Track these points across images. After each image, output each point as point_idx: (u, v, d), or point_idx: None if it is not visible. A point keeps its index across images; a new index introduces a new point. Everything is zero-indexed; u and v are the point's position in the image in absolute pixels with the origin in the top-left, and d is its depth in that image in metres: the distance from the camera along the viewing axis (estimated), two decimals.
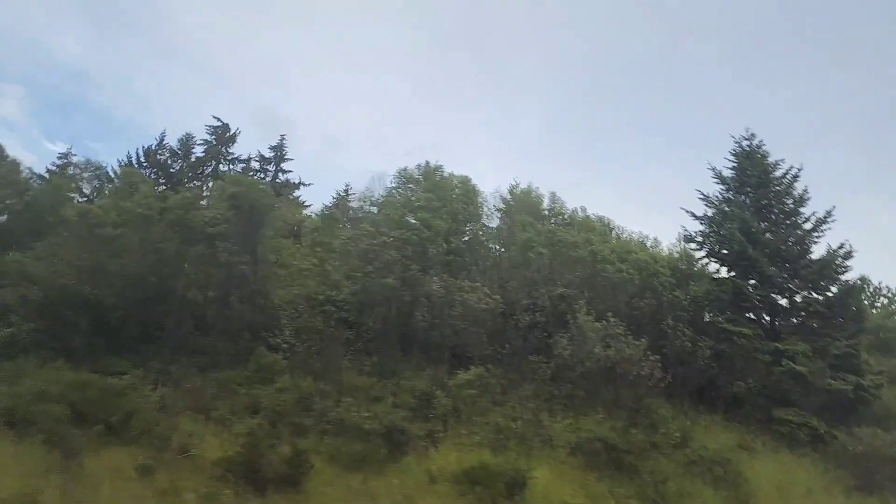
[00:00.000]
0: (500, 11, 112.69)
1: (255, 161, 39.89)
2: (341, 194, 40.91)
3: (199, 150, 37.95)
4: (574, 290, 22.93)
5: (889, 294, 35.22)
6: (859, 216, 71.32)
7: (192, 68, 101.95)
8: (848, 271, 23.82)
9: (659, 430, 18.20)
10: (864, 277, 29.77)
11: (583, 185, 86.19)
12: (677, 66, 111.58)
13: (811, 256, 24.25)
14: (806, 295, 23.61)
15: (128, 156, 36.00)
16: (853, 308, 23.48)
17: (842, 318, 23.05)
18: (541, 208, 32.42)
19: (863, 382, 21.25)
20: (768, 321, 23.74)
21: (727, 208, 25.47)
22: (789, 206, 25.01)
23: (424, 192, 27.59)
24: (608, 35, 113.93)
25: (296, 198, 39.04)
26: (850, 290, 23.58)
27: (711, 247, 25.53)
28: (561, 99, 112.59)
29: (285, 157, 40.70)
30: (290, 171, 40.45)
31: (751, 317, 23.67)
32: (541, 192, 33.86)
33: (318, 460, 13.82)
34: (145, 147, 36.51)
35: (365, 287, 21.85)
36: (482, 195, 30.52)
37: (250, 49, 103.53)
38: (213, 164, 38.76)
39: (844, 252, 23.59)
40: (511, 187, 34.09)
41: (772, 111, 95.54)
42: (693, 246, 26.48)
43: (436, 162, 30.53)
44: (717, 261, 25.56)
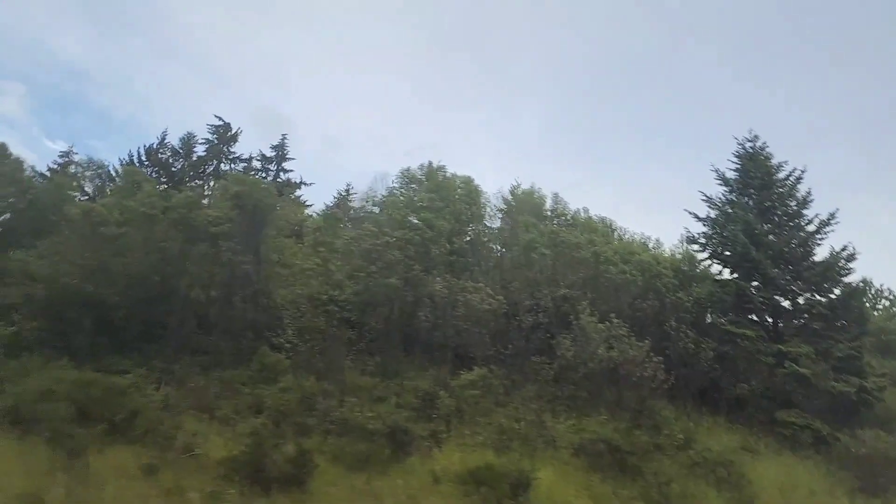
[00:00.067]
0: (501, 11, 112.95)
1: (257, 160, 39.98)
2: (342, 194, 40.97)
3: (200, 150, 38.01)
4: (577, 291, 22.92)
5: (891, 296, 35.28)
6: (859, 216, 71.50)
7: (192, 68, 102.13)
8: (851, 273, 23.94)
9: (662, 431, 18.20)
10: (865, 280, 29.85)
11: (583, 185, 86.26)
12: (677, 66, 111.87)
13: (814, 258, 24.29)
14: (809, 297, 23.61)
15: (129, 154, 36.06)
16: (856, 310, 23.48)
17: (844, 320, 23.05)
18: (543, 209, 32.35)
19: (866, 385, 21.26)
20: (771, 323, 23.73)
21: (730, 210, 25.46)
22: (792, 208, 25.01)
23: (427, 192, 27.55)
24: (608, 35, 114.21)
25: (297, 197, 39.06)
26: (853, 292, 23.60)
27: (714, 248, 25.53)
28: (561, 99, 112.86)
29: (286, 156, 40.78)
30: (292, 171, 40.55)
31: (754, 319, 23.66)
32: (543, 192, 33.84)
33: (322, 460, 13.77)
34: (147, 146, 36.54)
35: (368, 287, 21.83)
36: (485, 195, 30.48)
37: (250, 49, 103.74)
38: (215, 163, 38.77)
39: (847, 254, 23.62)
40: (512, 188, 34.09)
41: (772, 111, 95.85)
42: (696, 247, 26.51)
43: (438, 162, 30.55)
44: (719, 262, 25.56)
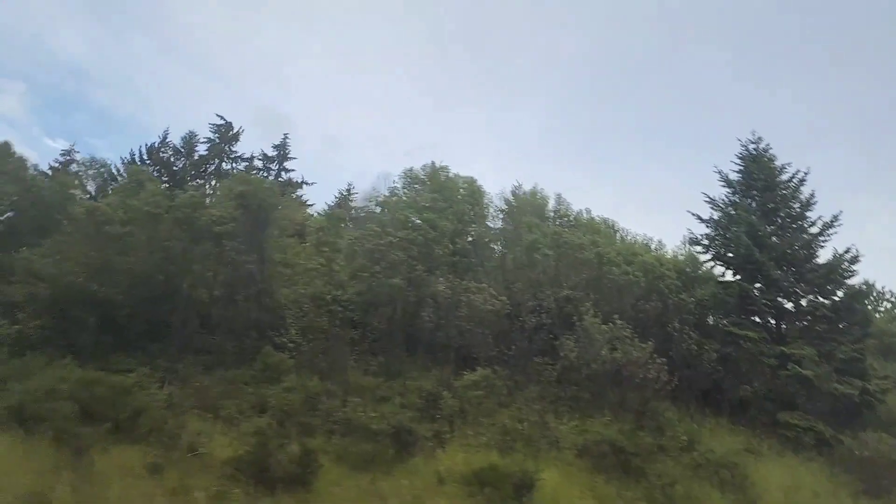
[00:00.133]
0: (501, 11, 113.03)
1: (258, 160, 39.98)
2: (344, 194, 41.01)
3: (202, 149, 37.99)
4: (580, 292, 22.90)
5: (893, 298, 35.31)
6: (859, 216, 71.38)
7: (193, 67, 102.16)
8: (854, 275, 23.95)
9: (665, 433, 18.21)
10: (867, 282, 29.81)
11: (583, 185, 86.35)
12: (677, 66, 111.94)
13: (817, 260, 24.25)
14: (812, 299, 23.61)
15: (130, 153, 36.06)
16: (859, 313, 23.46)
17: (847, 322, 23.05)
18: (546, 210, 32.35)
19: (868, 387, 21.25)
20: (774, 325, 23.72)
21: (733, 211, 25.43)
22: (796, 210, 24.99)
23: (430, 192, 27.57)
24: (608, 35, 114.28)
25: (298, 197, 39.08)
26: (856, 294, 23.60)
27: (717, 250, 25.51)
28: (561, 99, 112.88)
29: (288, 155, 40.79)
30: (293, 171, 40.57)
31: (757, 320, 23.64)
32: (546, 193, 33.84)
33: (326, 460, 13.77)
34: (148, 145, 36.53)
35: (371, 287, 21.83)
36: (487, 196, 30.50)
37: (250, 48, 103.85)
38: (217, 162, 38.77)
39: (851, 256, 23.60)
40: (514, 188, 34.08)
41: (772, 111, 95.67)
42: (698, 249, 26.50)
43: (441, 162, 30.59)
44: (722, 264, 25.55)
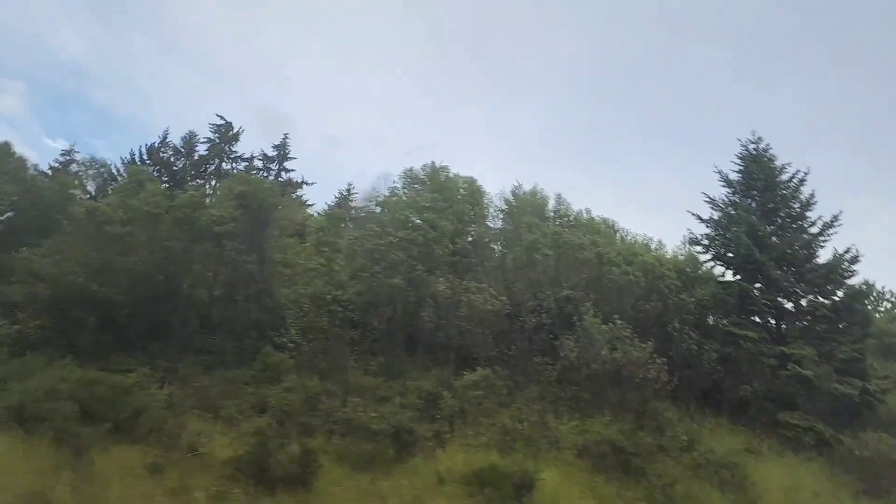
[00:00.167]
0: (501, 11, 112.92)
1: (258, 160, 39.91)
2: (344, 194, 41.00)
3: (201, 149, 37.94)
4: (580, 292, 22.89)
5: (892, 298, 35.30)
6: (858, 216, 71.36)
7: (193, 66, 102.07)
8: (854, 276, 23.97)
9: (665, 433, 18.22)
10: (867, 282, 29.81)
11: (583, 185, 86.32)
12: (677, 66, 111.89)
13: (817, 260, 24.27)
14: (812, 299, 23.62)
15: (130, 153, 35.99)
16: (859, 313, 23.46)
17: (848, 322, 23.05)
18: (546, 210, 32.33)
19: (868, 387, 21.26)
20: (774, 325, 23.73)
21: (733, 211, 25.42)
22: (796, 210, 25.00)
23: (430, 192, 27.55)
24: (607, 36, 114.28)
25: (298, 197, 39.06)
26: (856, 294, 23.60)
27: (717, 250, 25.51)
28: (561, 99, 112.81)
29: (288, 155, 40.74)
30: (293, 171, 40.51)
31: (756, 320, 23.65)
32: (546, 193, 33.80)
33: (327, 460, 13.76)
34: (148, 145, 36.49)
35: (371, 287, 21.82)
36: (487, 196, 30.48)
37: (250, 48, 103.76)
38: (217, 162, 38.74)
39: (851, 256, 23.61)
40: (514, 188, 34.04)
41: (772, 112, 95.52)
42: (698, 249, 26.50)
43: (441, 162, 30.57)
44: (722, 264, 25.56)
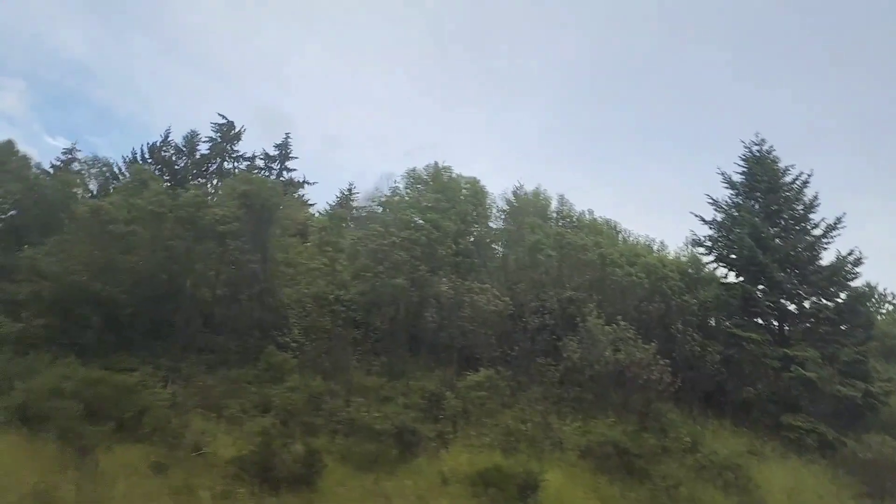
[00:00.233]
0: (502, 11, 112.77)
1: (260, 159, 39.84)
2: (345, 193, 40.98)
3: (203, 148, 37.90)
4: (583, 293, 22.84)
5: (894, 301, 35.21)
6: (859, 217, 71.19)
7: (193, 66, 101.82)
8: (857, 278, 23.97)
9: (669, 434, 18.20)
10: (869, 284, 29.78)
11: (583, 185, 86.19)
12: (677, 66, 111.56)
13: (821, 263, 24.24)
14: (815, 301, 23.58)
15: (132, 152, 35.92)
16: (862, 315, 23.44)
17: (851, 324, 23.02)
18: (548, 210, 32.27)
19: (871, 389, 21.25)
20: (777, 327, 23.72)
21: (736, 213, 25.38)
22: (799, 212, 24.98)
23: (433, 192, 27.50)
24: (608, 36, 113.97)
25: (300, 196, 39.03)
26: (859, 296, 23.58)
27: (720, 251, 25.46)
28: (561, 99, 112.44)
29: (290, 155, 40.67)
30: (295, 170, 40.43)
31: (760, 322, 23.64)
32: (549, 194, 33.71)
33: (330, 460, 13.78)
34: (150, 143, 36.42)
35: (374, 287, 21.80)
36: (490, 196, 30.44)
37: (250, 48, 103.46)
38: (218, 161, 38.71)
39: (854, 259, 23.59)
40: (515, 188, 33.97)
41: (773, 112, 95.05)
42: (701, 250, 26.43)
43: (443, 162, 30.50)
44: (725, 265, 25.50)
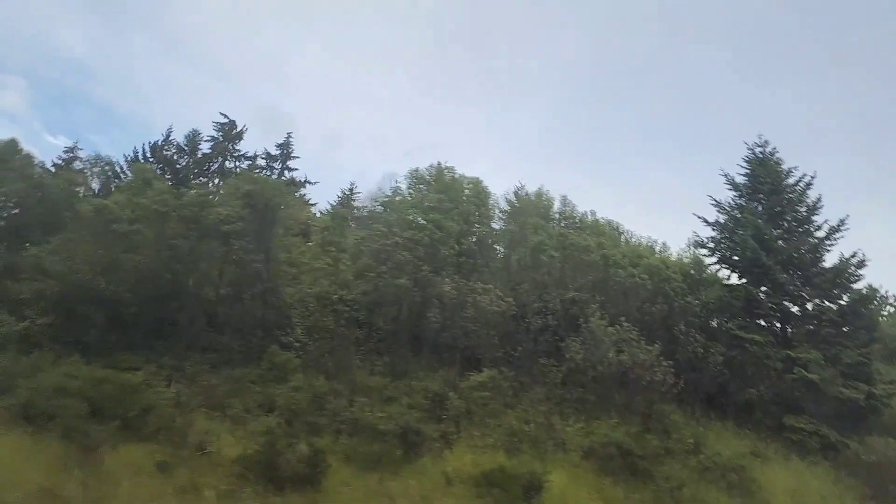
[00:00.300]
0: (501, 11, 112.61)
1: (262, 158, 39.81)
2: (346, 193, 40.98)
3: (205, 147, 37.87)
4: (586, 294, 22.84)
5: (895, 302, 35.13)
6: (859, 218, 70.86)
7: (193, 65, 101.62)
8: (860, 280, 23.88)
9: (672, 435, 18.19)
10: (871, 286, 29.75)
11: (583, 185, 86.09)
12: (677, 66, 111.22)
13: (824, 264, 24.20)
14: (818, 303, 23.53)
15: (134, 151, 35.87)
16: (865, 317, 23.41)
17: (854, 326, 22.98)
18: (551, 211, 32.22)
19: (874, 391, 21.21)
20: (780, 328, 23.70)
21: (739, 215, 25.35)
22: (802, 214, 24.95)
23: (435, 193, 27.48)
24: (608, 36, 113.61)
25: (301, 196, 39.01)
26: (862, 298, 23.54)
27: (723, 253, 25.44)
28: (561, 99, 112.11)
29: (291, 154, 40.66)
30: (296, 170, 40.41)
31: (762, 324, 23.63)
32: (551, 194, 33.64)
33: (334, 460, 13.80)
34: (151, 142, 36.37)
35: (377, 287, 21.80)
36: (493, 197, 30.39)
37: (251, 47, 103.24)
38: (220, 160, 38.70)
39: (857, 261, 23.58)
40: (517, 189, 33.90)
41: (772, 112, 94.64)
42: (704, 252, 26.40)
43: (446, 162, 30.46)
44: (728, 267, 25.46)
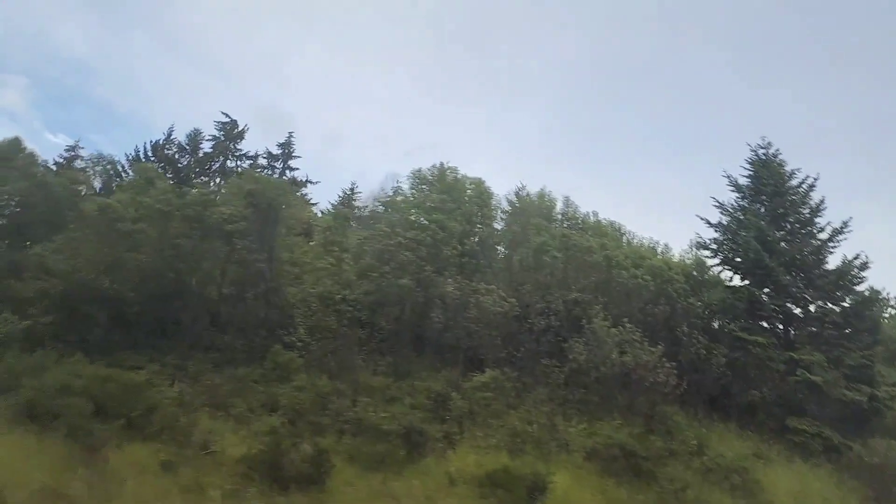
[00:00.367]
0: (501, 11, 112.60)
1: (263, 158, 39.77)
2: (347, 193, 40.96)
3: (206, 146, 37.84)
4: (588, 295, 22.81)
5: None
6: (859, 218, 70.61)
7: (194, 64, 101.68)
8: (863, 282, 23.82)
9: (675, 437, 18.18)
10: (873, 288, 29.73)
11: (583, 185, 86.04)
12: (677, 66, 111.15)
13: (827, 266, 24.17)
14: (821, 305, 23.47)
15: (135, 150, 35.85)
16: (868, 319, 23.38)
17: (856, 328, 22.94)
18: (553, 212, 32.19)
19: (877, 394, 21.20)
20: (783, 330, 23.64)
21: (742, 216, 25.31)
22: (805, 216, 24.90)
23: (438, 193, 27.47)
24: (609, 37, 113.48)
25: (303, 195, 38.98)
26: (865, 301, 23.52)
27: (726, 255, 25.39)
28: (561, 99, 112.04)
29: (293, 154, 40.62)
30: (297, 169, 40.36)
31: (765, 325, 23.57)
32: (553, 195, 33.59)
33: (338, 460, 13.80)
34: (153, 141, 36.35)
35: (380, 287, 21.79)
36: (495, 197, 30.38)
37: (251, 46, 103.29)
38: (221, 160, 38.69)
39: (860, 263, 23.53)
40: (518, 189, 33.87)
41: (772, 112, 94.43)
42: (706, 253, 26.31)
43: (448, 162, 30.42)
44: (731, 269, 25.38)
